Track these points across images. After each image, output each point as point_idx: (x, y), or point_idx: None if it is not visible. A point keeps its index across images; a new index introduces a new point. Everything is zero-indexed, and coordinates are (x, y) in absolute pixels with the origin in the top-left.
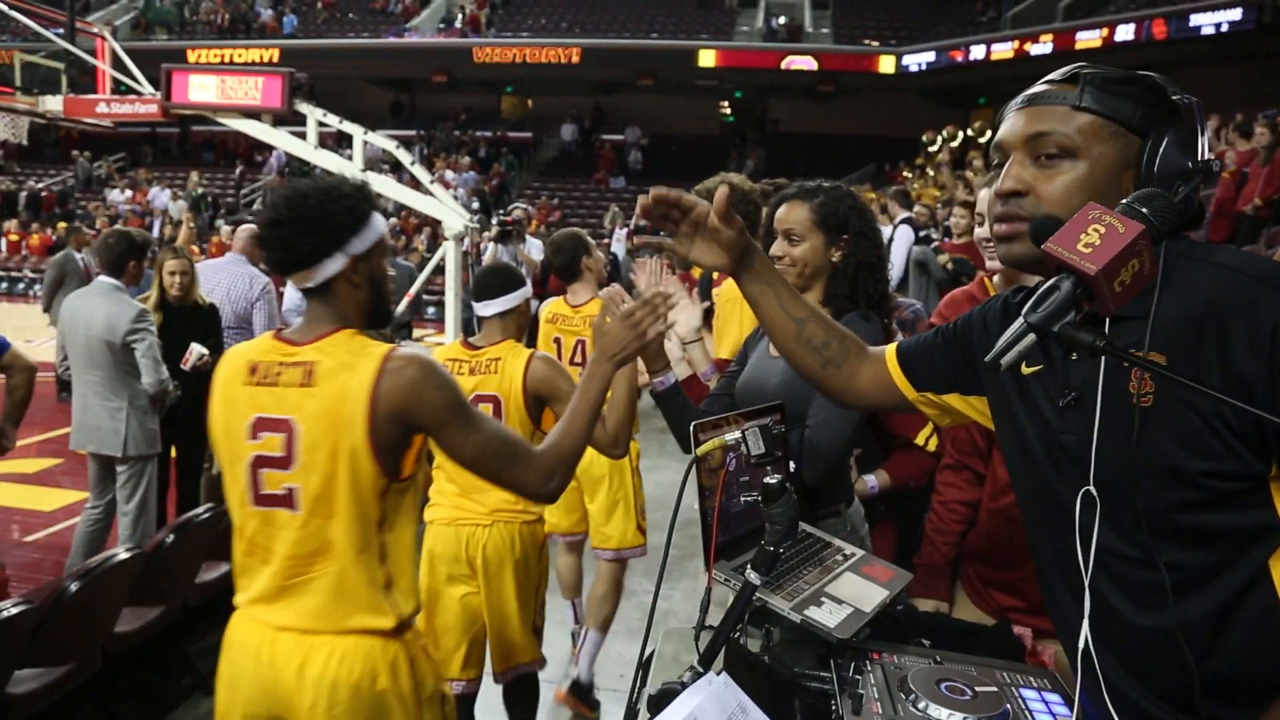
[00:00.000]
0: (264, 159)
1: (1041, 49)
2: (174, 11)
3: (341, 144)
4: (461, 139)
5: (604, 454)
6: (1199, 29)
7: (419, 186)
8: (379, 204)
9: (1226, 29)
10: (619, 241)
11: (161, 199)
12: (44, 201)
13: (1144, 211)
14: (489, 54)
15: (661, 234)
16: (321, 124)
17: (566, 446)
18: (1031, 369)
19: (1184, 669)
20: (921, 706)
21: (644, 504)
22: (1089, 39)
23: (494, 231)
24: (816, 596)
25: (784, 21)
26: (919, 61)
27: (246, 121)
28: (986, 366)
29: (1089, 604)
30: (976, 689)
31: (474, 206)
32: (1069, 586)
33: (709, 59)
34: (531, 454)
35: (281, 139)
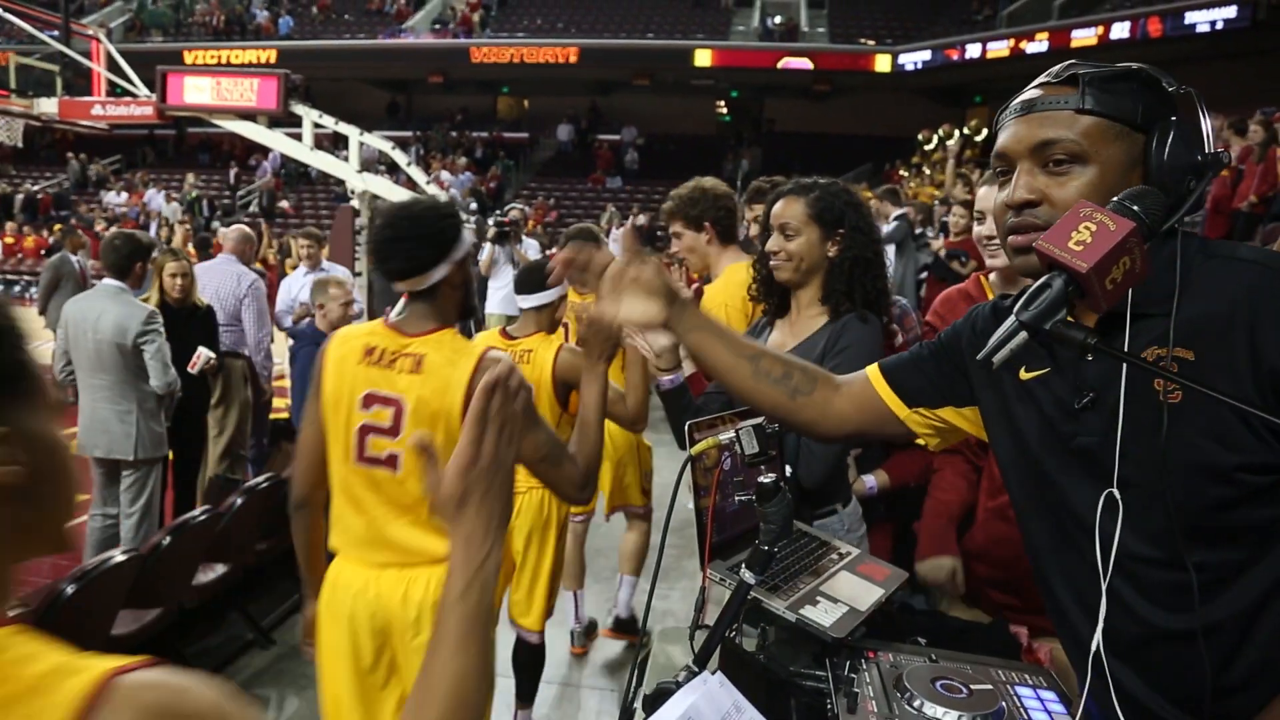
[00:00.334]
0: (259, 161)
1: (1037, 47)
2: (169, 13)
3: (337, 145)
4: (458, 140)
5: (628, 430)
6: (1194, 27)
7: (415, 187)
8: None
9: (1221, 27)
10: (615, 241)
11: (157, 201)
12: (40, 204)
13: (1135, 209)
14: (485, 54)
15: (648, 249)
16: (317, 125)
17: (590, 455)
18: (1032, 373)
19: (1209, 669)
20: (917, 705)
21: (650, 469)
22: (1084, 37)
23: (491, 232)
24: (812, 595)
25: (780, 21)
26: (915, 60)
27: (242, 123)
28: (979, 373)
29: (1105, 608)
30: (972, 687)
31: (471, 207)
32: (1074, 590)
33: (705, 59)
34: (573, 462)
35: (277, 140)
